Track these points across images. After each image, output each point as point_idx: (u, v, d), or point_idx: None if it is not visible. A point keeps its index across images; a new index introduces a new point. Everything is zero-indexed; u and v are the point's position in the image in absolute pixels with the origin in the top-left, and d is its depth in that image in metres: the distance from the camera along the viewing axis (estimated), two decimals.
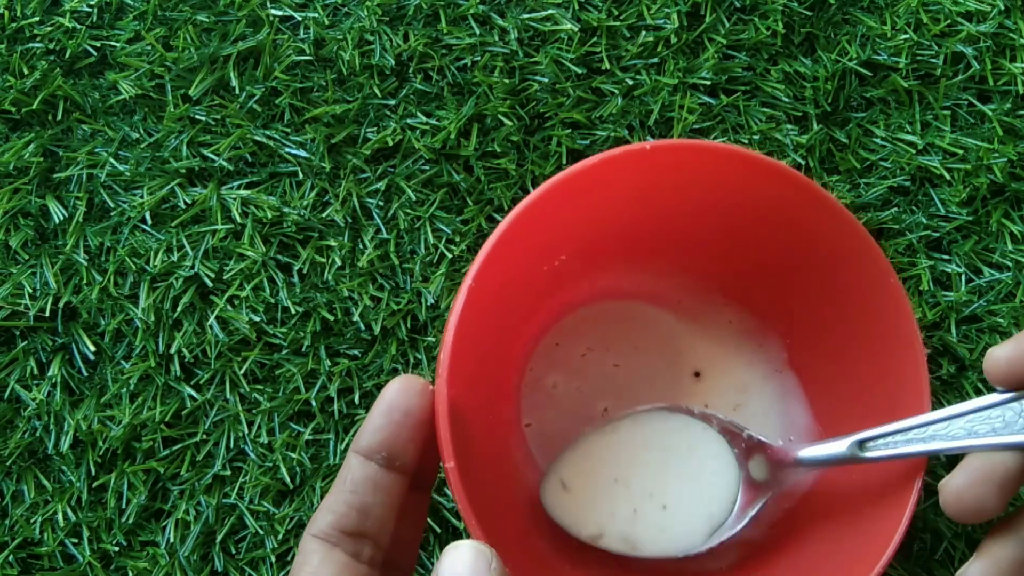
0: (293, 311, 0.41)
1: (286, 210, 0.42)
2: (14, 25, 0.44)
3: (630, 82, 0.44)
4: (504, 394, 0.39)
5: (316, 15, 0.44)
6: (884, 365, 0.37)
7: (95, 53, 0.44)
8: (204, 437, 0.41)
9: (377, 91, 0.43)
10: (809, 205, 0.37)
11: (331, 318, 0.41)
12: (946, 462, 0.40)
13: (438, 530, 0.40)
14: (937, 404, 0.40)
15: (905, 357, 0.36)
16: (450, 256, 0.42)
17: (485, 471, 0.34)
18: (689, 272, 0.41)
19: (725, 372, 0.41)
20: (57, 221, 0.42)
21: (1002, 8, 0.45)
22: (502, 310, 0.36)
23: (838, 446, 0.34)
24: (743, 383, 0.41)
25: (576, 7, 0.44)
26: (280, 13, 0.44)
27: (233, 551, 0.41)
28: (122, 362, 0.41)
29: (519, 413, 0.40)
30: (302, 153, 0.43)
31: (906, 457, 0.33)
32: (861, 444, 0.34)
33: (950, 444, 0.31)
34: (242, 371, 0.41)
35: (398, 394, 0.30)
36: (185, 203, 0.42)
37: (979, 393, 0.41)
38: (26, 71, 0.44)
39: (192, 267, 0.41)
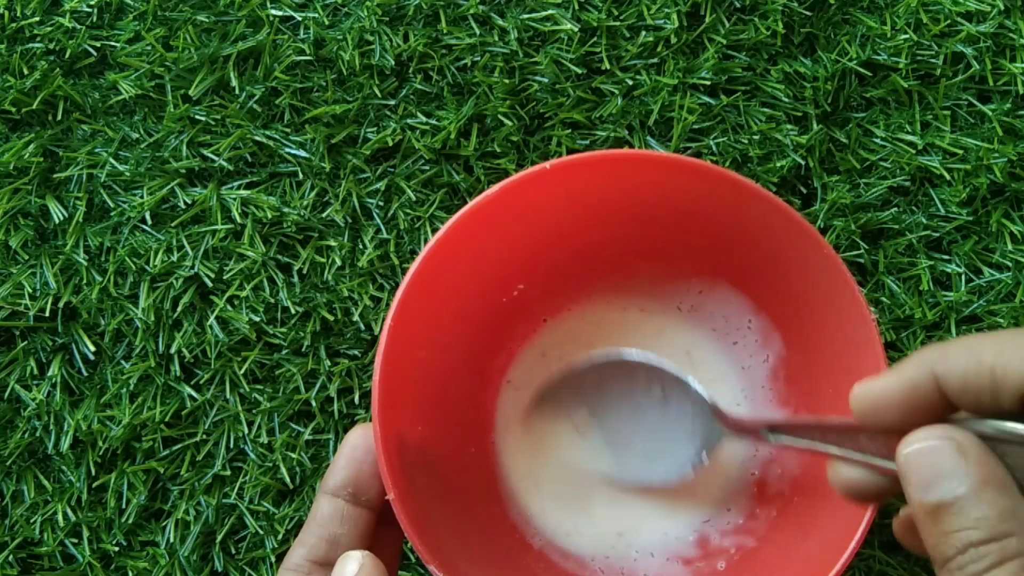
0: (293, 311, 0.41)
1: (286, 210, 0.42)
2: (14, 25, 0.44)
3: (630, 82, 0.44)
4: (485, 428, 0.40)
5: (316, 15, 0.44)
6: (837, 330, 0.37)
7: (95, 53, 0.44)
8: (204, 437, 0.41)
9: (377, 91, 0.43)
10: (729, 194, 0.37)
11: (331, 318, 0.41)
12: None
13: (411, 558, 0.40)
14: None
15: (854, 319, 0.35)
16: None
17: (455, 502, 0.36)
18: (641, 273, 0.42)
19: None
20: (57, 221, 0.42)
21: (1002, 8, 0.45)
22: (459, 346, 0.38)
23: (753, 424, 0.34)
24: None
25: (576, 7, 0.44)
26: (280, 13, 0.44)
27: (233, 551, 0.41)
28: (122, 362, 0.41)
29: (498, 445, 0.41)
30: (302, 153, 0.43)
31: (803, 449, 0.32)
32: (772, 428, 0.33)
33: (834, 451, 0.30)
34: (242, 371, 0.41)
35: (360, 436, 0.32)
36: (185, 203, 0.42)
37: None
38: (26, 71, 0.44)
39: (192, 267, 0.41)
